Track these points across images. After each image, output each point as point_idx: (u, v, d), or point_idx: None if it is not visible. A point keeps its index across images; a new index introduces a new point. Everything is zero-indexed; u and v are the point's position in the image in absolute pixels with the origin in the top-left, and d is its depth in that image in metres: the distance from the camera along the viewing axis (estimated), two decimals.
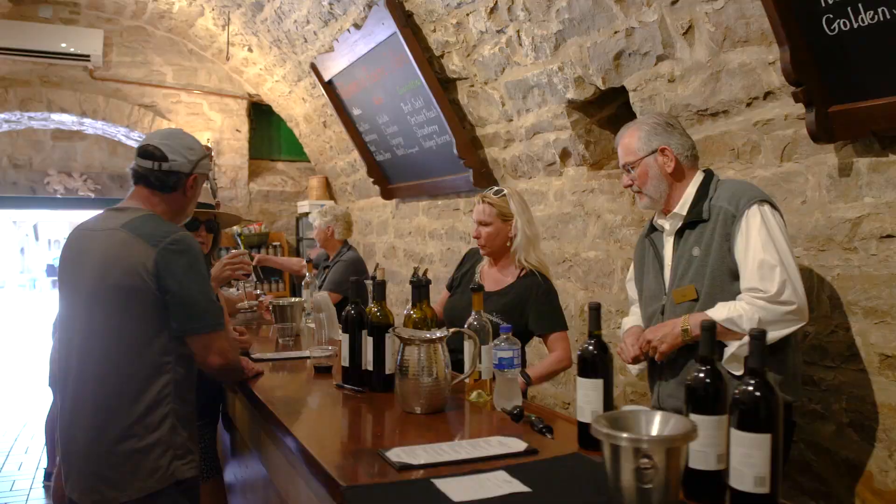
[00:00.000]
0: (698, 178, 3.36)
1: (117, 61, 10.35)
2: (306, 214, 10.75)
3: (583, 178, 5.43)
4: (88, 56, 9.89)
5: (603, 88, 4.80)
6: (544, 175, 5.85)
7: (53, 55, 9.78)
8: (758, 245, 3.09)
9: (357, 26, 6.89)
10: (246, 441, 3.96)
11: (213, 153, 3.41)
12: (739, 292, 3.14)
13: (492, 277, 4.26)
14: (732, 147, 4.08)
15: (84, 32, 9.88)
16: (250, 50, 9.52)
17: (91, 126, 10.80)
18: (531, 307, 4.09)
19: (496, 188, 4.26)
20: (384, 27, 6.38)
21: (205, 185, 3.78)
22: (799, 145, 3.72)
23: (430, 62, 6.27)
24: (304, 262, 6.58)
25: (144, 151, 3.16)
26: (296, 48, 8.47)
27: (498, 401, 3.14)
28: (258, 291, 5.99)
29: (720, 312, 3.10)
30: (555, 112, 5.31)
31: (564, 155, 5.50)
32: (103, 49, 10.04)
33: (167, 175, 3.15)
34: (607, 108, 5.19)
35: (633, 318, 3.70)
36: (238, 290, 5.95)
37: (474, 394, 3.29)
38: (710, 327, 2.11)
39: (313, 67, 8.25)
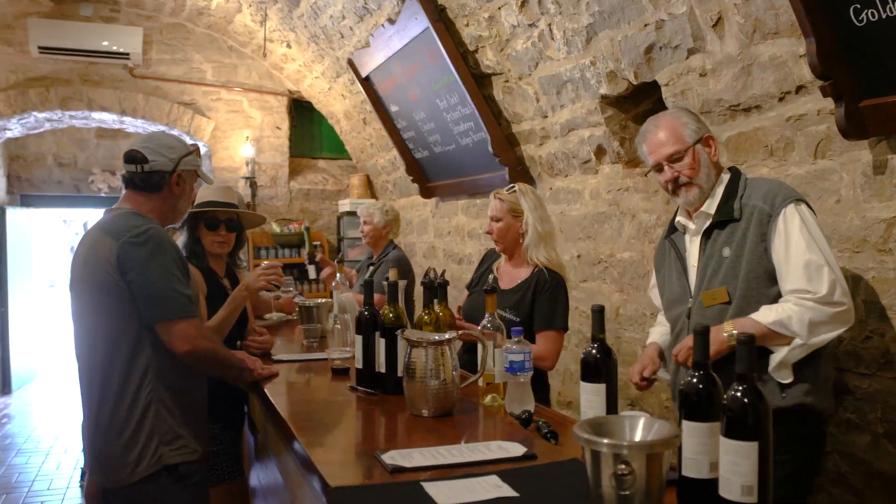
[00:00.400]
0: (725, 175, 3.29)
1: (157, 59, 10.48)
2: (348, 213, 10.82)
3: (618, 176, 5.40)
4: (128, 54, 10.01)
5: (635, 83, 4.77)
6: (580, 173, 5.82)
7: (94, 54, 9.91)
8: (801, 245, 3.00)
9: (391, 21, 6.91)
10: (265, 444, 3.99)
11: (199, 149, 3.46)
12: (775, 295, 3.06)
13: (507, 274, 4.38)
14: (766, 144, 4.03)
15: (124, 30, 10.00)
16: (289, 46, 9.58)
17: (131, 124, 10.92)
18: (536, 303, 4.18)
19: (510, 185, 4.40)
20: (417, 22, 6.39)
21: (228, 185, 3.88)
22: (833, 142, 3.66)
23: (464, 57, 6.27)
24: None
25: (128, 156, 3.38)
26: (333, 44, 8.51)
27: (510, 405, 3.14)
28: (292, 289, 6.00)
29: (767, 315, 3.01)
30: (588, 108, 5.28)
31: (599, 152, 5.46)
32: (143, 47, 10.15)
33: (150, 175, 3.37)
34: (643, 104, 5.15)
35: (660, 329, 3.67)
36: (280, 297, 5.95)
37: (488, 398, 3.30)
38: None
39: (350, 63, 8.29)
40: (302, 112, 11.35)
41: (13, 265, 11.77)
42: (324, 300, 5.38)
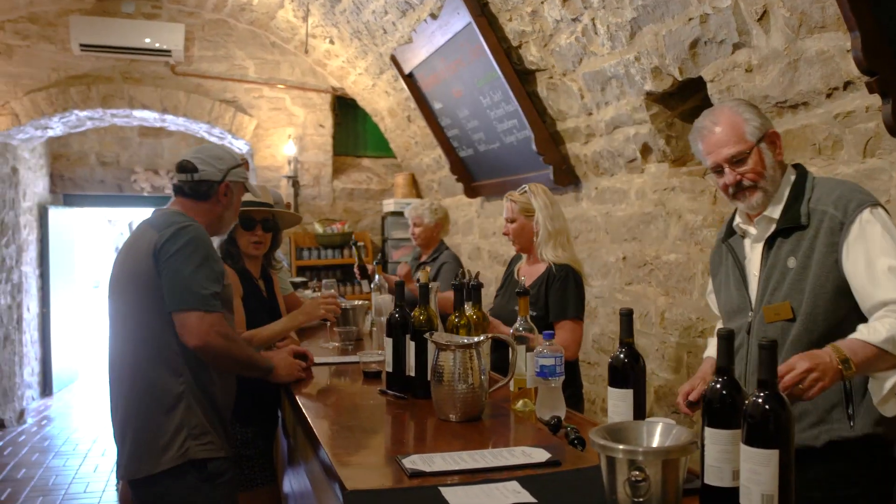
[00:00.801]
0: (790, 174, 3.04)
1: (199, 56, 10.56)
2: (392, 213, 10.87)
3: (664, 176, 5.38)
4: (170, 51, 10.11)
5: (680, 79, 4.75)
6: (626, 172, 5.81)
7: (136, 51, 10.03)
8: (889, 252, 2.73)
9: (434, 16, 6.94)
10: (295, 448, 4.04)
11: (247, 163, 3.63)
12: (845, 312, 2.81)
13: (527, 273, 4.61)
14: (813, 142, 4.00)
15: (166, 27, 10.10)
16: (332, 42, 9.64)
17: (172, 122, 11.03)
18: (549, 297, 4.38)
19: (521, 186, 4.67)
20: (459, 17, 6.41)
21: (266, 187, 3.99)
22: (882, 140, 3.63)
23: (507, 53, 6.28)
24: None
25: (180, 166, 3.62)
26: (376, 39, 8.56)
27: (540, 410, 3.16)
28: (333, 291, 6.05)
29: (873, 333, 2.63)
30: (633, 105, 5.27)
31: (645, 150, 5.45)
32: (184, 44, 10.25)
33: (199, 184, 3.61)
34: (689, 101, 5.12)
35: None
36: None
37: (520, 403, 3.34)
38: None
39: (393, 59, 8.33)
40: (346, 109, 11.38)
41: (56, 266, 12.01)
42: (360, 302, 5.44)
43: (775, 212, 2.98)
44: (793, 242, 2.91)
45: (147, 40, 9.95)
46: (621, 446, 1.91)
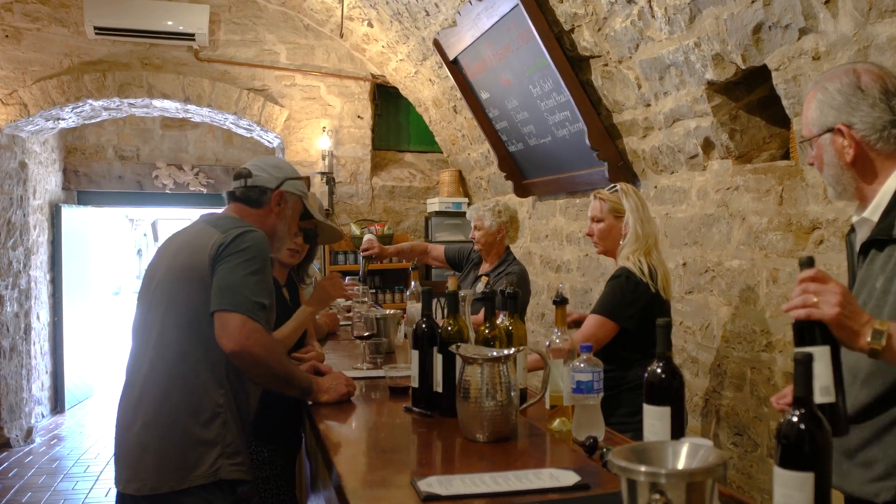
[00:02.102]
0: None
1: (225, 40, 10.65)
2: (437, 213, 10.95)
3: (727, 174, 5.43)
4: (193, 35, 10.18)
5: (744, 67, 4.80)
6: (687, 169, 5.87)
7: (156, 35, 10.12)
8: None
9: None
10: (316, 472, 4.13)
11: (308, 180, 3.77)
12: None
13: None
14: None
15: (189, 8, 10.15)
16: (370, 25, 9.75)
17: (196, 113, 11.12)
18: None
19: (612, 185, 4.76)
20: None
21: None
22: None
23: (558, 38, 6.36)
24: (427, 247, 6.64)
25: (236, 174, 3.82)
26: (418, 22, 8.66)
27: (577, 430, 3.20)
28: (365, 299, 6.11)
29: None
30: (694, 95, 5.33)
31: (707, 146, 5.51)
32: (209, 27, 10.32)
33: (251, 189, 3.77)
34: (755, 91, 5.17)
35: None
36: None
37: (556, 422, 3.38)
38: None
39: (436, 44, 8.44)
40: (387, 99, 11.46)
41: (69, 270, 12.12)
42: (391, 311, 5.49)
43: (875, 213, 2.76)
44: (885, 258, 2.71)
45: (168, 23, 10.01)
46: (643, 468, 1.90)
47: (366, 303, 5.95)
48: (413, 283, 5.86)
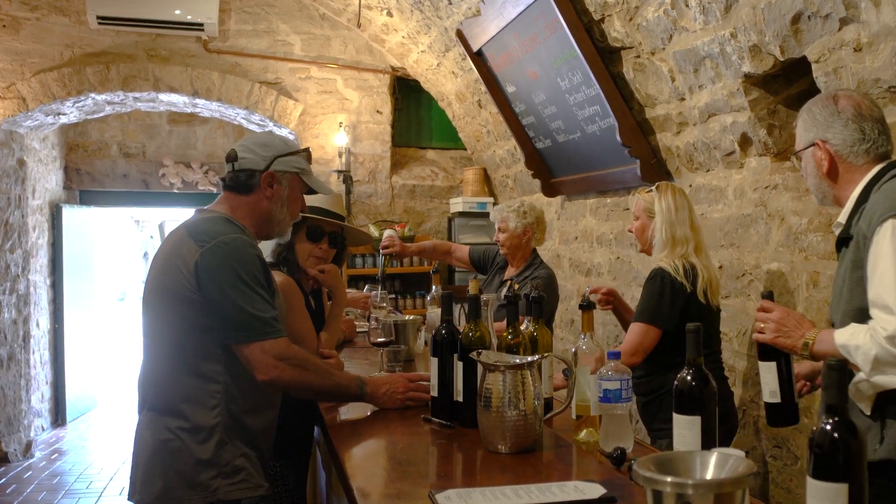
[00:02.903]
0: (869, 177, 3.39)
1: (235, 30, 10.67)
2: (461, 214, 10.97)
3: (765, 172, 5.48)
4: (202, 25, 10.18)
5: (782, 59, 4.84)
6: (723, 167, 5.92)
7: (162, 24, 10.12)
8: (888, 266, 3.05)
9: None
10: (331, 487, 4.19)
11: (308, 153, 3.60)
12: None
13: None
14: None
15: None
16: (389, 14, 9.80)
17: (205, 107, 11.16)
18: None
19: (657, 183, 5.01)
20: None
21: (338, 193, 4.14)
22: None
23: (587, 28, 6.42)
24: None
25: (226, 157, 3.73)
26: (440, 11, 8.71)
27: (604, 441, 3.23)
28: (385, 304, 6.14)
29: (843, 335, 3.15)
30: (730, 89, 5.38)
31: (744, 142, 5.56)
32: (219, 16, 10.32)
33: (239, 174, 3.69)
34: (795, 85, 5.21)
35: None
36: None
37: (583, 432, 3.41)
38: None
39: (460, 35, 8.48)
40: (407, 93, 11.48)
41: (70, 274, 12.16)
42: (411, 317, 5.52)
43: (844, 217, 3.41)
44: (842, 255, 3.39)
45: (176, 12, 9.98)
46: (668, 479, 1.93)
47: (384, 308, 5.98)
48: (434, 286, 5.88)
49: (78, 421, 12.38)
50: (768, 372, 3.48)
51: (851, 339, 3.09)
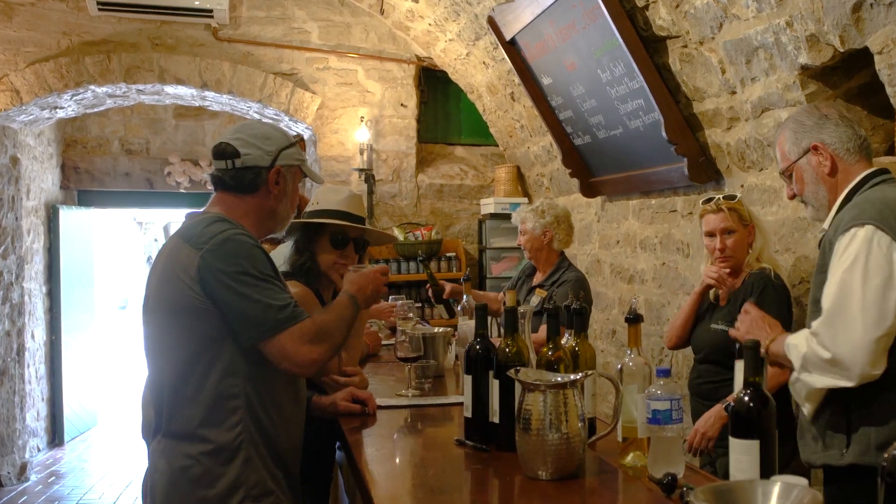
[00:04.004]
0: (853, 183, 3.77)
1: (248, 17, 10.66)
2: (493, 216, 10.94)
3: None
4: (211, 11, 10.17)
5: (842, 50, 4.85)
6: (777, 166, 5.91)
7: (168, 11, 10.11)
8: (835, 272, 3.45)
9: None
10: None
11: (304, 141, 3.59)
12: None
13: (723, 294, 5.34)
14: None
15: None
16: (415, 0, 9.86)
17: (215, 101, 11.17)
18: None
19: (728, 193, 5.35)
20: None
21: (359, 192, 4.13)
22: None
23: (630, 15, 6.44)
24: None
25: (217, 151, 3.68)
26: None
27: (653, 465, 3.23)
28: (411, 315, 6.12)
29: (791, 336, 3.67)
30: (786, 82, 5.39)
31: None
32: (230, 2, 10.30)
33: (242, 173, 3.65)
34: (855, 77, 5.23)
35: None
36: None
37: (630, 456, 3.42)
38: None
39: (491, 22, 8.50)
40: (434, 85, 11.49)
41: (69, 282, 12.19)
42: (442, 329, 5.54)
43: (827, 223, 3.79)
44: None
45: None
46: None
47: (411, 319, 5.96)
48: (465, 296, 5.86)
49: (77, 441, 12.41)
50: (739, 370, 3.60)
51: (793, 339, 3.50)
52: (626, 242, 8.54)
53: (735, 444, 2.79)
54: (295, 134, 3.78)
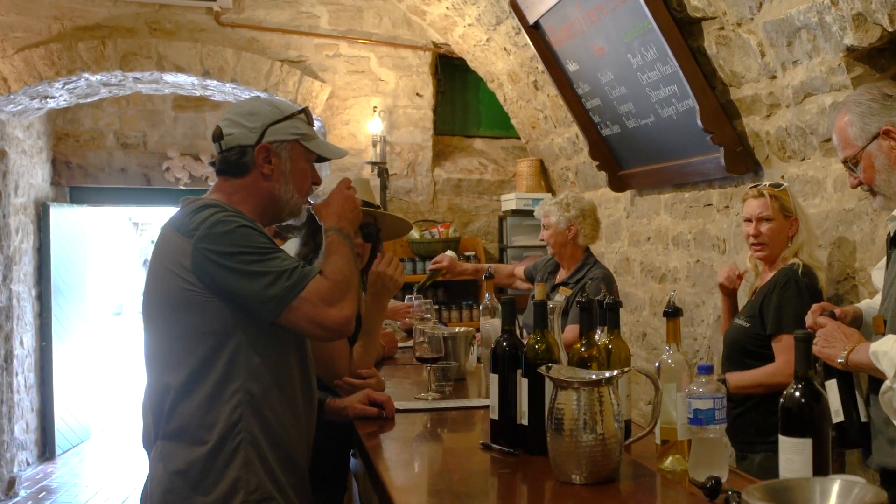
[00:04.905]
0: None
1: (252, 1, 10.66)
2: (514, 212, 10.95)
3: None
4: None
5: (890, 30, 4.86)
6: (821, 155, 5.96)
7: None
8: None
9: None
10: None
11: (307, 113, 3.46)
12: None
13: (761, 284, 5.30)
14: None
15: None
16: None
17: (217, 90, 11.17)
18: (763, 304, 4.97)
19: (776, 181, 5.38)
20: None
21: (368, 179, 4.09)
22: None
23: None
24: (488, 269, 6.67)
25: (212, 136, 3.69)
26: None
27: (694, 469, 3.18)
28: (429, 316, 6.14)
29: (877, 343, 3.56)
30: (830, 65, 5.41)
31: None
32: None
33: (228, 154, 3.63)
34: None
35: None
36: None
37: (668, 460, 3.39)
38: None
39: (513, 5, 8.52)
40: (451, 73, 11.51)
41: (60, 285, 12.20)
42: (461, 329, 5.55)
43: None
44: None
45: None
46: None
47: (428, 319, 5.95)
48: (487, 294, 5.86)
49: (69, 454, 12.42)
50: (830, 390, 3.78)
51: (881, 346, 3.39)
52: (658, 239, 8.56)
53: (785, 442, 2.78)
54: (301, 108, 3.60)
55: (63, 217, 12.35)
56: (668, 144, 7.63)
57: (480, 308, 5.84)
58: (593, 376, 3.21)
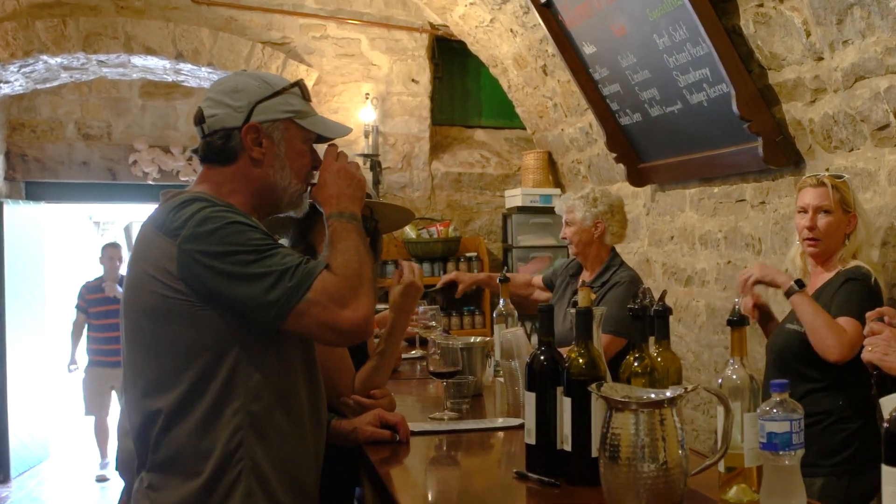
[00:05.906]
0: None
1: None
2: (519, 209, 10.91)
3: None
4: None
5: None
6: (873, 145, 5.90)
7: None
8: None
9: None
10: None
11: (301, 85, 3.31)
12: None
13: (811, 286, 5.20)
14: None
15: None
16: None
17: (192, 74, 11.11)
18: (834, 297, 4.94)
19: (837, 172, 5.34)
20: None
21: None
22: None
23: None
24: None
25: (193, 119, 3.51)
26: None
27: (767, 499, 3.06)
28: (434, 324, 6.06)
29: None
30: (885, 44, 5.36)
31: None
32: None
33: (212, 139, 3.45)
34: None
35: None
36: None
37: (734, 489, 3.26)
38: None
39: None
40: (451, 57, 11.51)
41: (15, 290, 12.09)
42: (477, 339, 5.47)
43: None
44: None
45: None
46: None
47: (435, 327, 5.89)
48: (501, 300, 5.77)
49: (25, 476, 12.34)
50: (886, 408, 3.57)
51: None
52: (683, 238, 8.50)
53: (889, 473, 2.60)
54: (293, 82, 3.40)
55: (18, 215, 12.25)
56: (696, 134, 7.57)
57: (494, 315, 5.76)
58: (653, 395, 3.05)
